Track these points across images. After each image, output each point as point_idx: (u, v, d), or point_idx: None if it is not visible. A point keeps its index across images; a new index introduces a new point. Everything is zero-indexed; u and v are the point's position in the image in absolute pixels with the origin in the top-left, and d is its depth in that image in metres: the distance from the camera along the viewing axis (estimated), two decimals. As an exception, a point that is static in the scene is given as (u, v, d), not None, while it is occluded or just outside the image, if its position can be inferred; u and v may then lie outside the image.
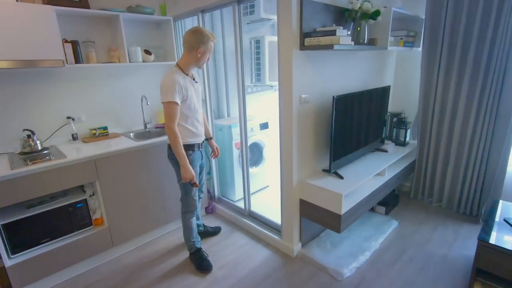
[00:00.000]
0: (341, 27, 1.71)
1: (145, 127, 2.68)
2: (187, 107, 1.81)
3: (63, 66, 1.99)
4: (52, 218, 1.92)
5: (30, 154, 1.98)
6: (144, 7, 2.41)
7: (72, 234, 2.02)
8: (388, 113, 2.77)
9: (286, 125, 1.93)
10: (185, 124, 1.85)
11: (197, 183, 1.88)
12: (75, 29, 2.24)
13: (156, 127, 2.74)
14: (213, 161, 2.83)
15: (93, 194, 2.11)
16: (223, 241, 2.38)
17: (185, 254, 2.20)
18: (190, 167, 1.81)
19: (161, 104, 1.75)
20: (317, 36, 1.73)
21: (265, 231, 2.35)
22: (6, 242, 1.77)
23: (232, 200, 2.84)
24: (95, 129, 2.39)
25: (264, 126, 3.06)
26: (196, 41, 1.75)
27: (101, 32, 2.37)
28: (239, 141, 2.56)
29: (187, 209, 2.01)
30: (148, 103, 2.62)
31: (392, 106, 2.99)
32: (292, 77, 1.80)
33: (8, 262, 1.77)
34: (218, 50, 3.04)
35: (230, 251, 2.24)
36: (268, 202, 2.83)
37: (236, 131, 2.73)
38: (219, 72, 3.10)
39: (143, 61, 2.46)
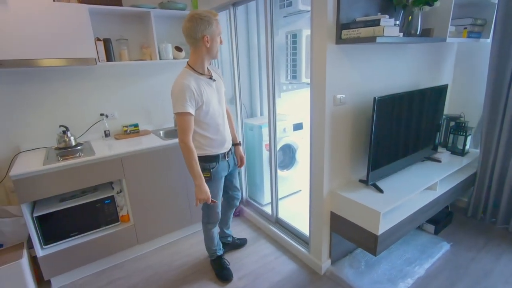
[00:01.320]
0: (387, 16, 1.44)
1: (175, 124, 2.65)
2: (205, 114, 1.58)
3: (95, 64, 2.02)
4: (82, 213, 1.97)
5: (64, 150, 2.05)
6: (176, 3, 2.35)
7: (99, 229, 2.06)
8: (444, 116, 2.37)
9: (318, 128, 1.72)
10: (205, 132, 1.62)
11: (215, 200, 1.71)
12: (109, 27, 2.26)
13: (186, 125, 2.70)
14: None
15: (120, 191, 2.13)
16: (248, 248, 2.25)
17: (208, 258, 2.13)
18: (206, 186, 1.60)
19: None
20: (357, 27, 1.48)
21: (292, 241, 2.17)
22: (39, 233, 1.85)
23: (260, 204, 2.70)
24: (126, 126, 2.43)
25: (298, 126, 2.85)
26: (197, 30, 1.46)
27: (134, 29, 2.38)
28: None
29: (208, 220, 1.87)
30: (179, 100, 2.58)
31: (450, 108, 2.57)
32: (325, 75, 1.58)
33: (41, 253, 1.85)
34: (252, 46, 2.89)
35: (253, 260, 2.11)
36: (298, 209, 2.64)
37: (266, 131, 2.56)
38: (253, 68, 2.96)
39: (174, 58, 2.42)
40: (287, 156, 2.92)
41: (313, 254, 1.98)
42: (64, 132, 2.08)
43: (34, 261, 1.87)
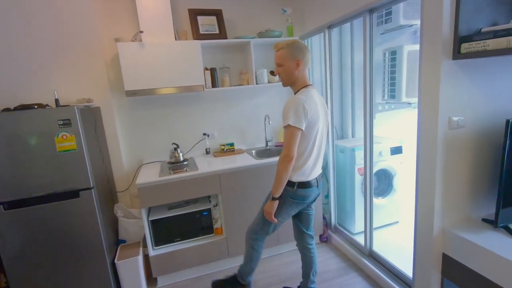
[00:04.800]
0: (526, 23, 1.19)
1: (266, 144, 2.76)
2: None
3: (203, 90, 2.31)
4: (184, 221, 2.21)
5: (174, 164, 2.37)
6: (273, 31, 2.51)
7: (197, 238, 2.26)
8: None
9: (427, 154, 1.51)
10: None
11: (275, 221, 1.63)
12: (214, 57, 2.57)
13: (276, 145, 2.78)
14: (332, 184, 2.59)
15: (216, 205, 2.31)
16: (336, 280, 2.10)
17: (291, 284, 2.07)
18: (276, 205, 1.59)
19: (281, 123, 1.69)
20: (483, 39, 1.27)
21: (389, 281, 1.92)
22: (152, 235, 2.15)
23: (350, 232, 2.51)
24: (224, 145, 2.65)
25: (397, 150, 2.58)
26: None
27: (234, 58, 2.63)
28: (363, 166, 2.23)
29: (257, 234, 1.75)
30: (270, 122, 2.70)
31: None
32: (439, 94, 1.40)
33: (152, 252, 2.14)
34: (345, 65, 2.83)
35: (343, 294, 1.95)
36: (396, 243, 2.34)
37: (360, 155, 2.41)
38: (345, 89, 2.87)
39: (268, 82, 2.56)
40: (383, 182, 2.65)
41: (418, 300, 1.70)
42: (175, 149, 2.41)
43: (146, 259, 2.17)
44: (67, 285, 1.83)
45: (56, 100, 1.87)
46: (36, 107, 1.75)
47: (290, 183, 1.59)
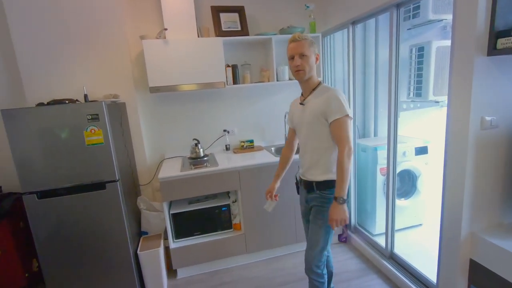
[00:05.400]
0: None
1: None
2: None
3: (224, 87, 2.33)
4: (204, 216, 2.25)
5: (195, 159, 2.41)
6: (295, 27, 2.48)
7: (215, 233, 2.30)
8: None
9: (456, 156, 1.45)
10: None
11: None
12: (235, 54, 2.58)
13: (296, 143, 2.76)
14: (352, 183, 2.54)
15: (235, 201, 2.33)
16: (354, 281, 2.06)
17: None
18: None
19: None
20: (521, 34, 1.19)
21: (411, 284, 1.86)
22: (172, 228, 2.21)
23: (370, 233, 2.45)
24: (243, 142, 2.67)
25: (422, 150, 2.49)
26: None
27: (255, 55, 2.63)
28: (385, 166, 2.17)
29: (320, 261, 1.53)
30: (290, 119, 2.68)
31: None
32: (471, 92, 1.33)
33: (172, 245, 2.20)
34: (369, 62, 2.75)
35: (362, 296, 1.92)
36: (419, 246, 2.27)
37: (382, 154, 2.35)
38: (368, 86, 2.80)
39: (289, 79, 2.54)
40: (406, 183, 2.57)
41: (442, 306, 1.64)
42: (196, 145, 2.45)
43: (166, 251, 2.24)
44: (93, 271, 1.92)
45: (85, 96, 1.96)
46: (67, 102, 1.84)
47: (333, 183, 1.45)
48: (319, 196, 1.51)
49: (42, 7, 2.05)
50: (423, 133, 2.67)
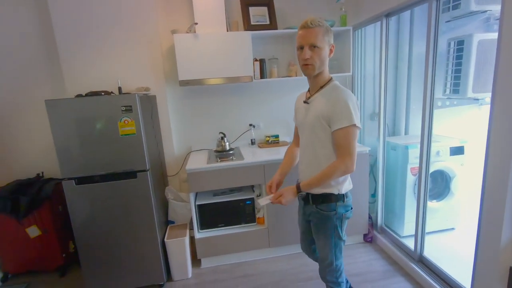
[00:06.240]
0: None
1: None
2: None
3: (251, 81, 2.33)
4: (228, 208, 2.28)
5: (221, 152, 2.44)
6: (325, 20, 2.42)
7: (239, 225, 2.32)
8: None
9: (499, 157, 1.35)
10: None
11: None
12: (263, 48, 2.57)
13: (322, 139, 2.71)
14: (380, 182, 2.46)
15: (259, 195, 2.34)
16: (380, 282, 2.01)
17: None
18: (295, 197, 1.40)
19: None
20: None
21: (441, 290, 1.78)
22: (197, 219, 2.26)
23: (398, 235, 2.37)
24: (269, 137, 2.66)
25: (457, 150, 2.36)
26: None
27: (284, 49, 2.61)
28: (417, 166, 2.08)
29: (339, 270, 1.43)
30: (317, 115, 2.63)
31: None
32: (519, 89, 1.23)
33: (197, 235, 2.25)
34: (402, 58, 2.63)
35: (388, 298, 1.87)
36: (451, 251, 2.16)
37: (413, 153, 2.25)
38: (400, 82, 2.68)
39: (317, 74, 2.49)
40: (438, 184, 2.45)
41: (476, 315, 1.55)
42: (222, 138, 2.48)
43: (191, 240, 2.30)
44: (123, 255, 2.02)
45: (119, 88, 2.04)
46: (103, 94, 1.92)
47: (341, 197, 1.34)
48: (316, 212, 1.38)
49: (82, 3, 2.15)
50: (459, 132, 2.52)
